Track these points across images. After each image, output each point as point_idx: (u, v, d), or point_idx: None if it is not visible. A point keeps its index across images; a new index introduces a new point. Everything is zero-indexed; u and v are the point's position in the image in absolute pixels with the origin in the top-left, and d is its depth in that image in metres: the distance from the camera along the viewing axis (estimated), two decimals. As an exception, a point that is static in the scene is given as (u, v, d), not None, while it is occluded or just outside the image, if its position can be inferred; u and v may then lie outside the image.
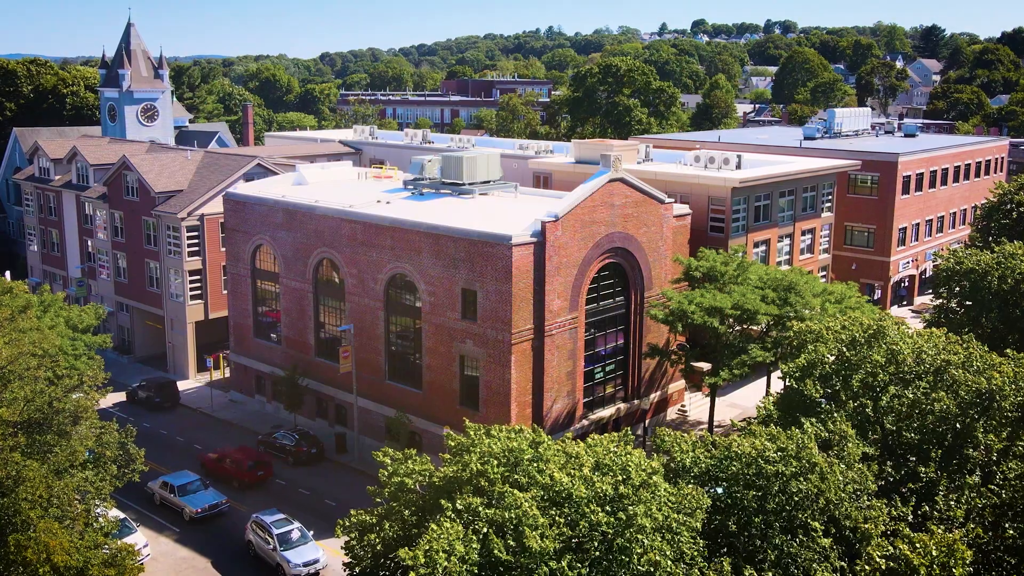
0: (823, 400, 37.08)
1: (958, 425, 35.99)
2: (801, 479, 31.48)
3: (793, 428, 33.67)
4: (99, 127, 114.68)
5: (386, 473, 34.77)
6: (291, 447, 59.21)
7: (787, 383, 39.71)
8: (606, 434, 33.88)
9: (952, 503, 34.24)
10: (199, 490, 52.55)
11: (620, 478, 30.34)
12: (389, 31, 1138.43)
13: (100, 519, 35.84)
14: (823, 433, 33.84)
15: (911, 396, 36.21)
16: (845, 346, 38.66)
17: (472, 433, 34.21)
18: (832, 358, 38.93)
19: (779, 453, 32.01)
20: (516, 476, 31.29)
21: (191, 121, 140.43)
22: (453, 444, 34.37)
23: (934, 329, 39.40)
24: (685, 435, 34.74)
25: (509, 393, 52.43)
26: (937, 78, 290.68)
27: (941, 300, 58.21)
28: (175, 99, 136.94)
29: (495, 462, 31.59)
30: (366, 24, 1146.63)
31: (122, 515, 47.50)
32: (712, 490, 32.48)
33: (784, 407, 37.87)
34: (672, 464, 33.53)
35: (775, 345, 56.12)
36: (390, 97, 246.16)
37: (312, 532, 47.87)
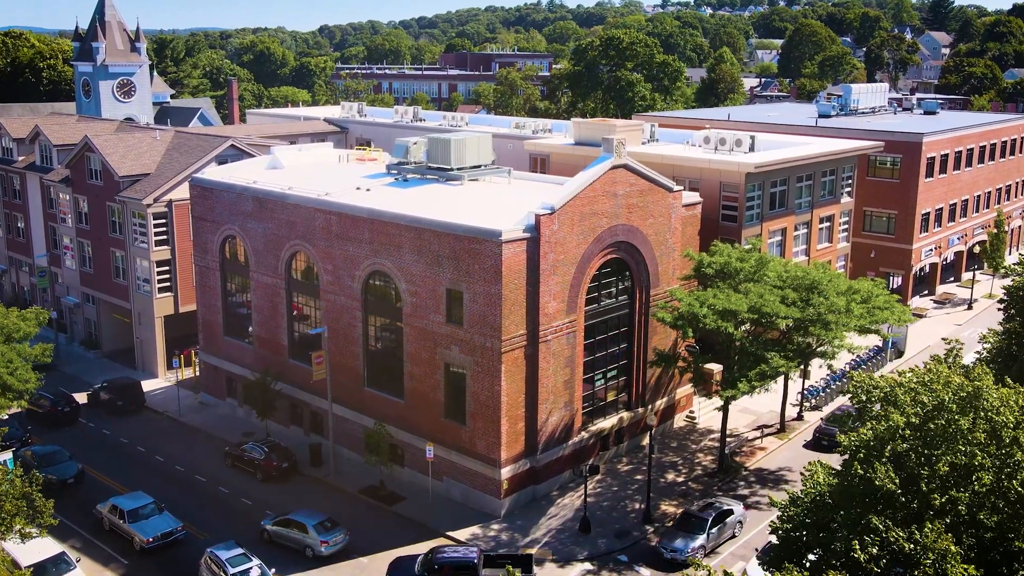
0: (897, 489, 28.26)
1: None
2: None
3: None
4: (75, 103, 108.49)
5: None
6: (260, 461, 53.50)
7: (849, 461, 30.60)
8: None
9: None
10: (153, 515, 46.39)
11: None
12: (390, 3, 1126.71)
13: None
14: (907, 546, 25.99)
15: (1019, 487, 27.00)
16: (928, 413, 29.21)
17: None
18: (907, 429, 29.78)
19: None
20: None
21: (173, 97, 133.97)
22: None
23: None
24: None
25: (499, 406, 46.86)
26: (946, 51, 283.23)
27: (1011, 324, 47.41)
28: (156, 74, 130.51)
29: None
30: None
31: (60, 548, 42.00)
32: None
33: (843, 495, 29.15)
34: None
35: (796, 353, 50.49)
36: (386, 71, 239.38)
37: (273, 570, 42.22)
